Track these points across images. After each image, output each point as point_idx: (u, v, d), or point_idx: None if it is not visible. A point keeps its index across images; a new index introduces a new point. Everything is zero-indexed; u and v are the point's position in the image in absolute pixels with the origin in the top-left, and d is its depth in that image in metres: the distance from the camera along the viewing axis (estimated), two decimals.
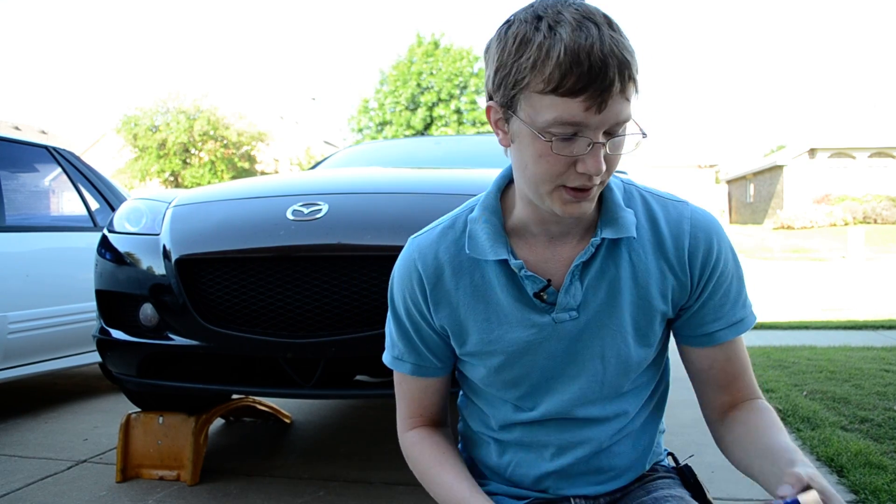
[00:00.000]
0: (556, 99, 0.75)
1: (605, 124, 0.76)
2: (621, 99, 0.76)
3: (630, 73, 0.75)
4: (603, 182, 0.83)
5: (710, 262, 0.92)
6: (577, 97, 0.74)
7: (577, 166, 0.79)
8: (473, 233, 0.93)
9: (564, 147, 0.78)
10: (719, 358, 0.97)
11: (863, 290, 8.86)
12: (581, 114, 0.75)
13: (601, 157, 0.78)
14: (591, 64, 0.72)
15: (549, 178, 0.81)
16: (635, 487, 1.02)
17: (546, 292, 0.91)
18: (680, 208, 0.94)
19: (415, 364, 1.00)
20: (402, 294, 0.98)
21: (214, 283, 1.94)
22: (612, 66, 0.73)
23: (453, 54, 25.63)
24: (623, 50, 0.75)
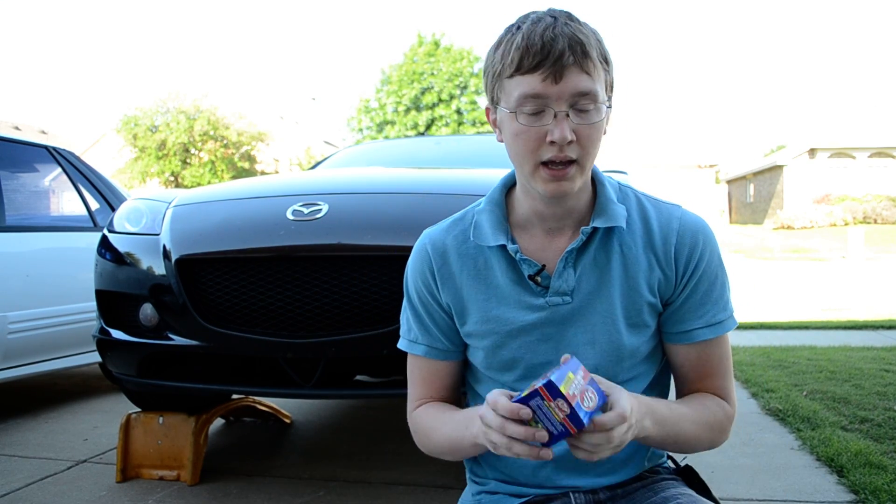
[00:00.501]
0: (521, 78, 0.88)
1: (564, 94, 0.87)
2: (578, 72, 0.87)
3: (584, 49, 0.86)
4: (581, 163, 0.91)
5: (694, 259, 0.98)
6: (536, 72, 0.87)
7: (546, 138, 0.89)
8: (478, 222, 1.03)
9: (534, 120, 0.89)
10: (697, 357, 1.01)
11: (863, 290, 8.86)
12: (540, 85, 0.87)
13: (565, 126, 0.88)
14: (543, 42, 0.86)
15: (527, 154, 0.91)
16: (639, 487, 1.03)
17: (541, 276, 0.98)
18: (671, 209, 1.02)
19: (428, 346, 1.07)
20: (415, 278, 1.06)
21: (214, 283, 1.94)
22: (562, 42, 0.86)
23: (454, 54, 25.63)
24: (576, 32, 0.87)
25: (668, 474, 1.08)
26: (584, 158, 0.91)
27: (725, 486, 2.10)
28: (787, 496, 2.03)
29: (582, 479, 1.01)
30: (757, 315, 6.51)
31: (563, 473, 1.01)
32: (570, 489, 1.01)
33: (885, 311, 6.61)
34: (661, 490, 1.01)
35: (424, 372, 1.08)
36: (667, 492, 0.99)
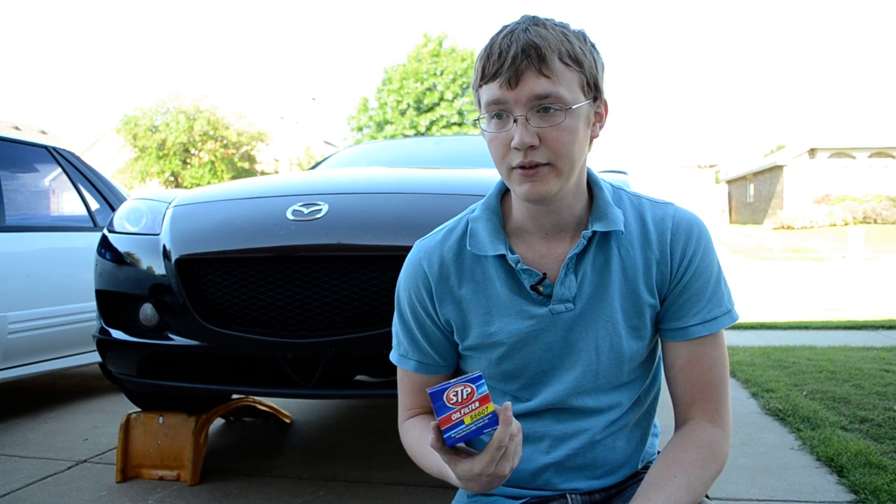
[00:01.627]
0: (485, 87, 0.90)
1: (521, 99, 0.87)
2: (535, 75, 0.87)
3: (539, 52, 0.86)
4: (556, 165, 0.89)
5: (688, 254, 0.97)
6: (495, 80, 0.88)
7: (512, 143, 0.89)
8: (474, 231, 1.00)
9: (498, 125, 0.90)
10: (691, 356, 0.99)
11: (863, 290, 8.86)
12: (499, 92, 0.88)
13: (523, 132, 0.87)
14: (500, 51, 0.87)
15: (499, 159, 0.92)
16: (633, 485, 1.03)
17: (542, 285, 0.97)
18: (664, 208, 1.01)
19: (418, 361, 1.06)
20: (409, 294, 1.04)
21: (214, 283, 1.94)
22: (515, 47, 0.86)
23: (457, 55, 25.62)
24: (533, 36, 0.87)
25: None
26: (558, 161, 0.89)
27: (725, 486, 2.10)
28: (787, 496, 2.03)
29: (580, 482, 1.02)
30: (757, 315, 6.51)
31: (561, 477, 1.01)
32: (567, 492, 1.02)
33: (885, 311, 6.61)
34: None
35: (415, 385, 1.07)
36: None
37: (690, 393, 0.99)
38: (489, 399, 0.78)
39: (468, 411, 0.78)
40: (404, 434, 1.08)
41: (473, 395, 0.77)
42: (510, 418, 0.79)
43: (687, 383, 0.99)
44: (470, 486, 0.84)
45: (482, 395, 0.78)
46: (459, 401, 0.77)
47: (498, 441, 0.78)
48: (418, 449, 1.03)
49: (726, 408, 0.99)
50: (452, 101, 25.14)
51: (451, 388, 0.78)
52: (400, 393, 1.10)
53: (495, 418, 0.78)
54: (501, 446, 0.79)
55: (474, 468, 0.80)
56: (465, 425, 0.78)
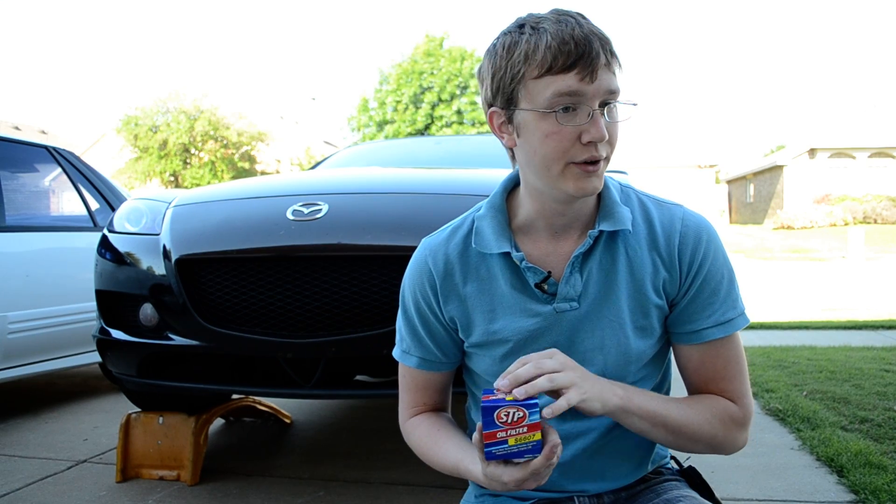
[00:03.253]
0: (553, 77, 0.86)
1: (599, 92, 0.86)
2: (608, 71, 0.87)
3: (611, 48, 0.87)
4: (608, 158, 0.90)
5: (698, 258, 0.96)
6: (571, 71, 0.85)
7: (581, 138, 0.87)
8: (480, 228, 1.00)
9: (568, 118, 0.87)
10: (706, 358, 0.98)
11: (863, 290, 8.86)
12: (577, 84, 0.85)
13: (602, 124, 0.87)
14: (576, 42, 0.85)
15: (558, 155, 0.88)
16: (642, 489, 1.03)
17: (547, 283, 0.96)
18: (673, 209, 1.00)
19: (420, 358, 1.06)
20: (413, 291, 1.04)
21: (214, 283, 1.94)
22: (595, 41, 0.85)
23: (454, 55, 25.62)
24: (601, 31, 0.87)
25: (671, 475, 1.08)
26: (611, 155, 0.92)
27: (726, 486, 2.10)
28: (787, 496, 2.03)
29: (588, 484, 1.01)
30: (757, 315, 6.51)
31: (569, 479, 1.01)
32: (575, 493, 1.01)
33: (885, 311, 6.60)
34: (663, 492, 1.01)
35: (417, 382, 1.08)
36: (669, 493, 0.99)
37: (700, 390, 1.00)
38: (539, 427, 0.78)
39: (514, 434, 0.78)
40: (409, 432, 1.08)
41: (524, 420, 0.78)
42: (553, 455, 0.79)
43: (703, 385, 1.00)
44: (491, 486, 0.84)
45: (533, 423, 0.78)
46: (509, 422, 0.78)
47: (534, 469, 0.79)
48: (428, 446, 1.02)
49: (748, 398, 0.99)
50: (451, 101, 25.13)
51: (504, 408, 0.78)
52: (401, 390, 1.10)
53: (539, 447, 0.79)
54: (535, 473, 0.80)
55: (503, 476, 0.81)
56: (508, 445, 0.79)
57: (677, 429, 0.93)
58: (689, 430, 0.94)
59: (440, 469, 1.01)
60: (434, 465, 1.02)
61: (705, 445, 0.97)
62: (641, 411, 0.90)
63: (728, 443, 0.98)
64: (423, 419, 1.07)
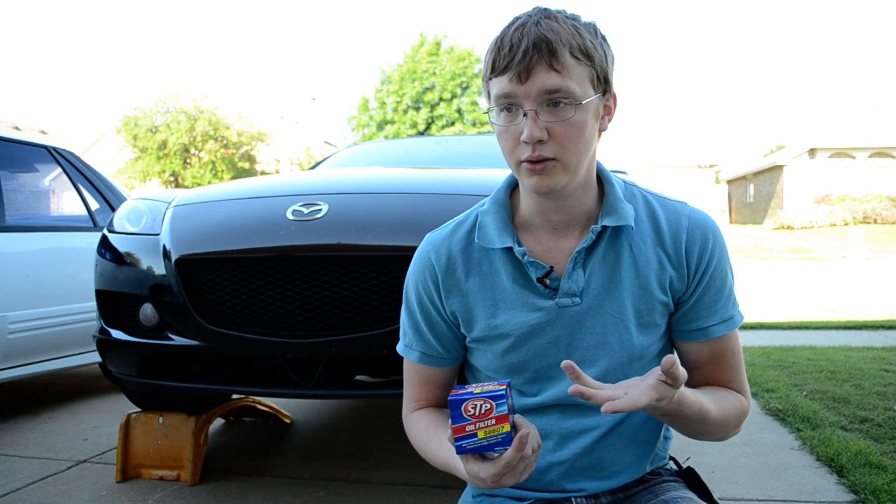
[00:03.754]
0: (495, 80, 0.90)
1: (531, 93, 0.87)
2: (546, 70, 0.86)
3: (550, 47, 0.86)
4: (563, 160, 0.89)
5: (706, 255, 0.97)
6: (505, 73, 0.88)
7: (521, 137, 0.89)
8: (483, 224, 1.01)
9: (508, 118, 0.90)
10: (711, 353, 1.01)
11: (863, 290, 8.85)
12: (508, 86, 0.88)
13: (533, 125, 0.87)
14: (511, 44, 0.87)
15: (508, 153, 0.93)
16: (640, 490, 1.03)
17: (549, 278, 0.97)
18: (679, 207, 1.01)
19: (422, 353, 1.07)
20: (416, 286, 1.05)
21: (214, 283, 1.94)
22: (527, 41, 0.86)
23: (456, 54, 25.62)
24: (545, 30, 0.86)
25: (669, 476, 1.08)
26: (565, 155, 0.89)
27: (725, 486, 2.10)
28: (787, 496, 2.03)
29: (586, 483, 1.01)
30: (757, 315, 6.51)
31: (567, 478, 1.01)
32: (573, 494, 1.01)
33: (885, 311, 6.60)
34: (661, 493, 1.01)
35: (420, 376, 1.09)
36: (667, 494, 0.99)
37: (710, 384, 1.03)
38: (507, 419, 0.78)
39: (483, 426, 0.78)
40: (410, 426, 1.09)
41: (491, 413, 0.77)
42: (524, 446, 0.78)
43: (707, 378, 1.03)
44: (474, 483, 0.85)
45: (500, 414, 0.78)
46: (476, 414, 0.78)
47: (505, 462, 0.79)
48: (424, 441, 1.03)
49: (748, 388, 1.04)
50: (451, 100, 25.13)
51: (470, 401, 0.78)
52: (405, 385, 1.11)
53: (508, 439, 0.78)
54: (508, 466, 0.79)
55: (480, 473, 0.81)
56: (477, 439, 0.78)
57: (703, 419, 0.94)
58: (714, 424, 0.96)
59: (434, 464, 1.01)
60: (430, 460, 1.02)
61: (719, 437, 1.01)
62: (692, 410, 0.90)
63: (732, 434, 1.02)
64: (423, 414, 1.07)
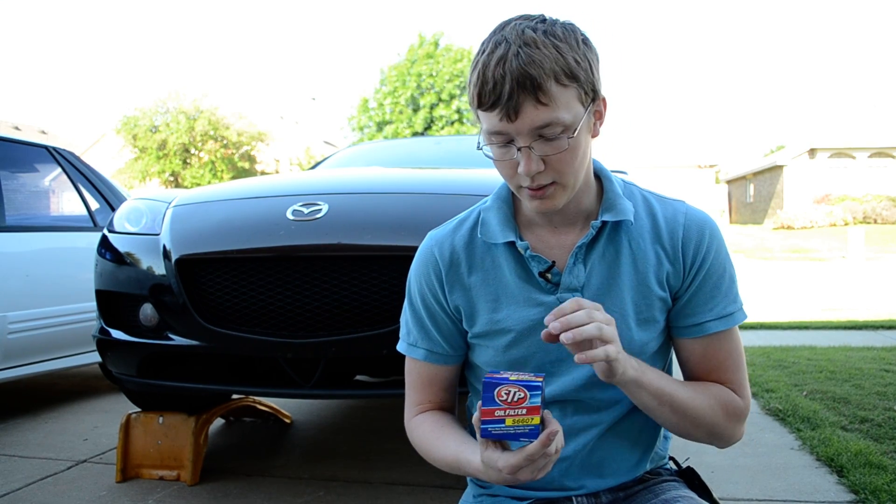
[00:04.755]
0: (483, 114, 0.88)
1: (523, 130, 0.85)
2: (533, 106, 0.84)
3: (534, 83, 0.82)
4: (559, 182, 0.90)
5: (702, 252, 0.98)
6: (492, 111, 0.86)
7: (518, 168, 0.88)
8: (486, 219, 1.02)
9: (503, 153, 0.89)
10: (707, 351, 1.00)
11: (863, 290, 8.85)
12: (499, 124, 0.86)
13: (530, 160, 0.87)
14: (494, 82, 0.83)
15: (507, 179, 0.93)
16: (640, 489, 1.03)
17: (551, 273, 0.98)
18: (676, 205, 1.02)
19: (427, 350, 1.06)
20: (419, 281, 1.05)
21: (214, 283, 1.94)
22: (509, 82, 0.82)
23: (454, 55, 25.62)
24: (526, 64, 0.82)
25: (669, 476, 1.08)
26: (563, 178, 0.90)
27: (725, 486, 2.10)
28: (787, 496, 2.03)
29: (586, 481, 1.01)
30: (757, 315, 6.51)
31: (568, 476, 1.01)
32: (573, 492, 1.01)
33: (885, 311, 6.60)
34: (661, 492, 1.01)
35: (424, 376, 1.08)
36: (667, 494, 0.99)
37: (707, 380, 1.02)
38: (538, 412, 0.77)
39: (513, 414, 0.77)
40: (412, 429, 1.08)
41: (524, 402, 0.77)
42: (550, 442, 0.78)
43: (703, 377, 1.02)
44: (487, 474, 0.85)
45: (532, 405, 0.77)
46: (509, 401, 0.77)
47: (528, 455, 0.78)
48: (431, 441, 1.02)
49: (747, 390, 1.02)
50: (450, 101, 25.13)
51: (504, 386, 0.77)
52: (408, 388, 1.10)
53: (536, 432, 0.77)
54: (530, 460, 0.79)
55: (498, 462, 0.81)
56: (504, 425, 0.77)
57: (683, 410, 0.94)
58: (693, 412, 0.95)
59: (440, 464, 1.01)
60: (435, 460, 1.02)
61: (706, 433, 0.98)
62: (652, 387, 0.92)
63: (727, 433, 1.00)
64: (427, 416, 1.07)
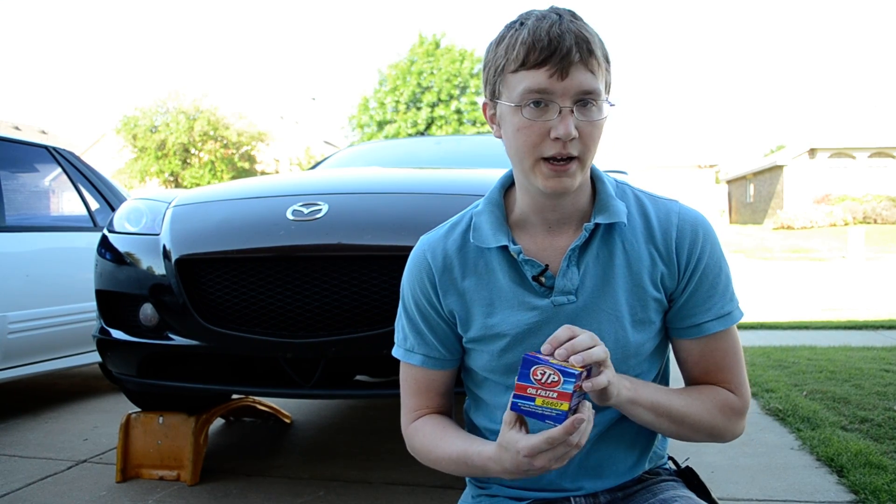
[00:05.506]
0: (526, 73, 0.87)
1: (569, 91, 0.86)
2: (584, 70, 0.86)
3: (589, 47, 0.86)
4: (582, 159, 0.90)
5: (696, 253, 0.98)
6: (542, 67, 0.86)
7: (550, 133, 0.88)
8: (478, 224, 1.01)
9: (537, 113, 0.88)
10: (706, 351, 1.00)
11: (863, 290, 8.86)
12: (546, 81, 0.86)
13: (570, 123, 0.87)
14: (550, 38, 0.85)
15: (528, 149, 0.90)
16: (639, 489, 1.03)
17: (544, 276, 0.97)
18: (669, 205, 1.01)
19: (425, 356, 1.05)
20: (413, 286, 1.05)
21: (214, 283, 1.94)
22: (569, 39, 0.85)
23: (454, 55, 25.62)
24: (581, 29, 0.87)
25: (668, 476, 1.08)
26: (585, 155, 0.91)
27: (725, 486, 2.10)
28: (787, 496, 2.03)
29: (584, 482, 1.01)
30: (757, 315, 6.51)
31: (565, 477, 1.01)
32: (571, 493, 1.01)
33: (885, 311, 6.60)
34: (660, 492, 1.01)
35: (421, 382, 1.07)
36: (666, 493, 0.99)
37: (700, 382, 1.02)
38: (568, 398, 0.77)
39: (543, 395, 0.78)
40: (411, 436, 1.06)
41: (556, 386, 0.77)
42: (574, 430, 0.78)
43: (702, 376, 1.02)
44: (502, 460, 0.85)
45: (563, 391, 0.77)
46: (542, 382, 0.78)
47: (550, 438, 0.78)
48: (433, 441, 1.02)
49: (746, 387, 1.02)
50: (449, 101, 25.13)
51: (541, 366, 0.78)
52: (404, 395, 1.09)
53: (563, 417, 0.78)
54: (551, 444, 0.79)
55: (519, 443, 0.81)
56: (533, 404, 0.78)
57: (680, 419, 0.95)
58: (691, 420, 0.96)
59: (444, 462, 1.00)
60: (438, 458, 1.01)
61: (706, 434, 0.99)
62: (647, 403, 0.92)
63: (727, 431, 1.00)
64: (427, 419, 1.06)
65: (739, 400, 1.00)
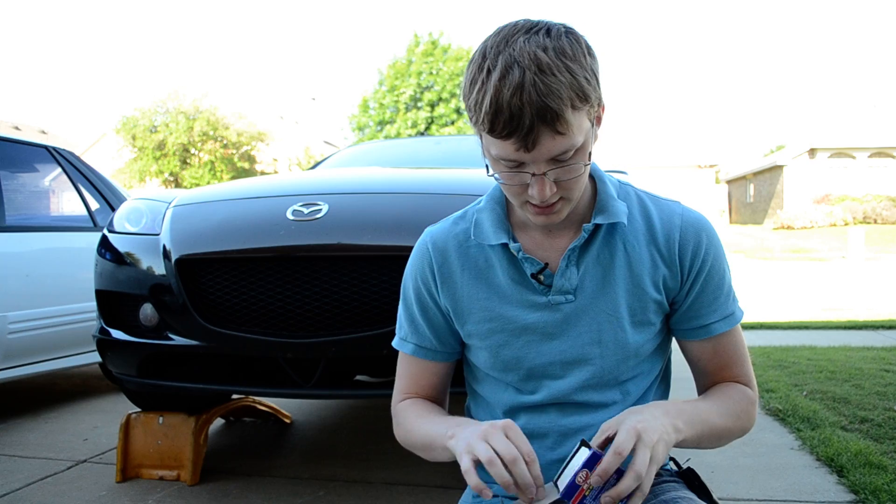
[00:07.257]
0: (494, 140, 0.84)
1: (539, 159, 0.84)
2: (551, 136, 0.81)
3: (553, 114, 0.79)
4: (567, 198, 0.90)
5: (700, 255, 0.98)
6: (507, 140, 0.82)
7: (528, 189, 0.88)
8: (479, 221, 1.02)
9: (512, 177, 0.87)
10: (714, 350, 1.02)
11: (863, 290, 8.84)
12: (514, 153, 0.83)
13: (545, 186, 0.86)
14: (511, 113, 0.79)
15: (513, 196, 0.92)
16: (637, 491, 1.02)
17: (543, 274, 0.97)
18: (672, 206, 1.01)
19: (416, 345, 1.07)
20: (414, 276, 1.06)
21: (214, 283, 1.94)
22: (528, 115, 0.79)
23: (453, 54, 25.62)
24: (545, 95, 0.78)
25: (669, 476, 1.08)
26: (571, 195, 0.90)
27: (725, 486, 2.10)
28: (787, 496, 2.03)
29: None
30: (757, 315, 6.51)
31: None
32: None
33: (885, 311, 6.60)
34: (661, 493, 1.01)
35: (412, 369, 1.09)
36: (667, 494, 0.99)
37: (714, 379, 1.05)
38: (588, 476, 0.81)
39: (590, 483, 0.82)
40: (398, 412, 1.09)
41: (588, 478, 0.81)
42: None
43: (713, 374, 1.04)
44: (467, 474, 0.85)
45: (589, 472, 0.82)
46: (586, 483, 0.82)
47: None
48: (414, 422, 1.03)
49: (754, 377, 1.05)
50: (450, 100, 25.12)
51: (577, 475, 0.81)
52: (398, 377, 1.12)
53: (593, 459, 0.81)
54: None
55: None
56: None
57: (718, 434, 0.97)
58: (728, 431, 0.99)
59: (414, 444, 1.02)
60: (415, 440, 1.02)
61: (738, 437, 1.02)
62: (693, 438, 0.92)
63: (751, 426, 1.03)
64: (412, 402, 1.08)
65: (754, 392, 1.03)
